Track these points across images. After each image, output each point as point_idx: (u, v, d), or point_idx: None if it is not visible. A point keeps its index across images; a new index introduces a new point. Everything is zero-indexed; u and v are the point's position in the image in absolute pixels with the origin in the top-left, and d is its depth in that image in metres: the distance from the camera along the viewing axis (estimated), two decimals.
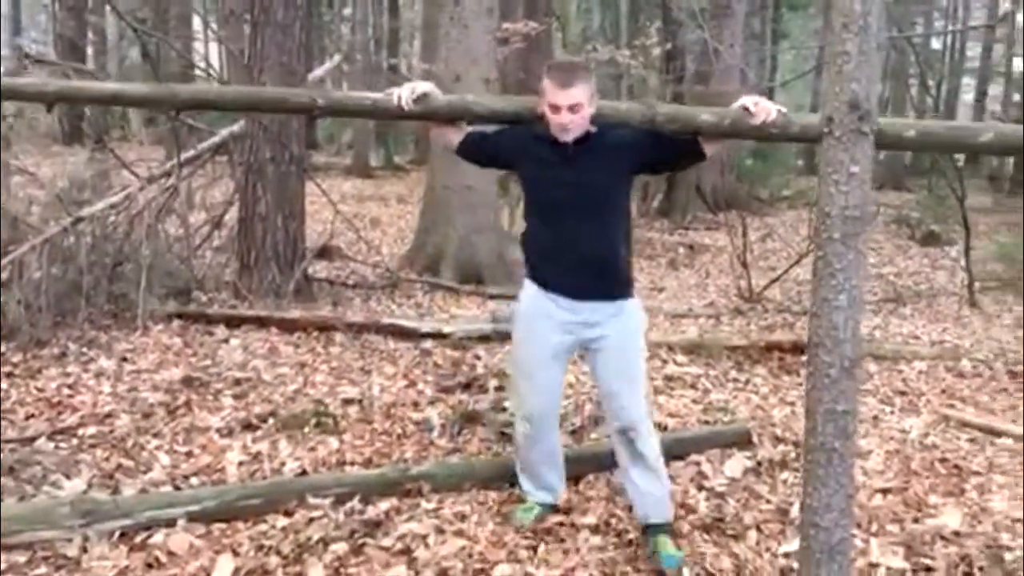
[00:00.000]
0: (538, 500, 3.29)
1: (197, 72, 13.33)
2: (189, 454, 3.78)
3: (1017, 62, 23.30)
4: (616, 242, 3.00)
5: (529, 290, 3.10)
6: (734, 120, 2.74)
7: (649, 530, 3.07)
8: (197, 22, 21.08)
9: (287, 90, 3.55)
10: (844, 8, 1.62)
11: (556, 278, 3.01)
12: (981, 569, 3.08)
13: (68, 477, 3.43)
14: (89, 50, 22.23)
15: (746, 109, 2.72)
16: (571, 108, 2.77)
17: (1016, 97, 22.31)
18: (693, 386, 5.11)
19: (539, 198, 3.04)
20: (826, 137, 1.72)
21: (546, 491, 3.30)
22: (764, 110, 2.68)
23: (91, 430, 3.93)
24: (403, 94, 2.91)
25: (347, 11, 25.94)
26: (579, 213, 2.91)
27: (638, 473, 3.07)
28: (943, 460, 4.15)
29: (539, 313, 3.05)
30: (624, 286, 3.05)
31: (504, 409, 4.23)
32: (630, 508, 3.25)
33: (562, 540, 3.12)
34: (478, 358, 5.42)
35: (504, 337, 5.66)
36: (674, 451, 3.79)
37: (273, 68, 6.49)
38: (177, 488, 3.42)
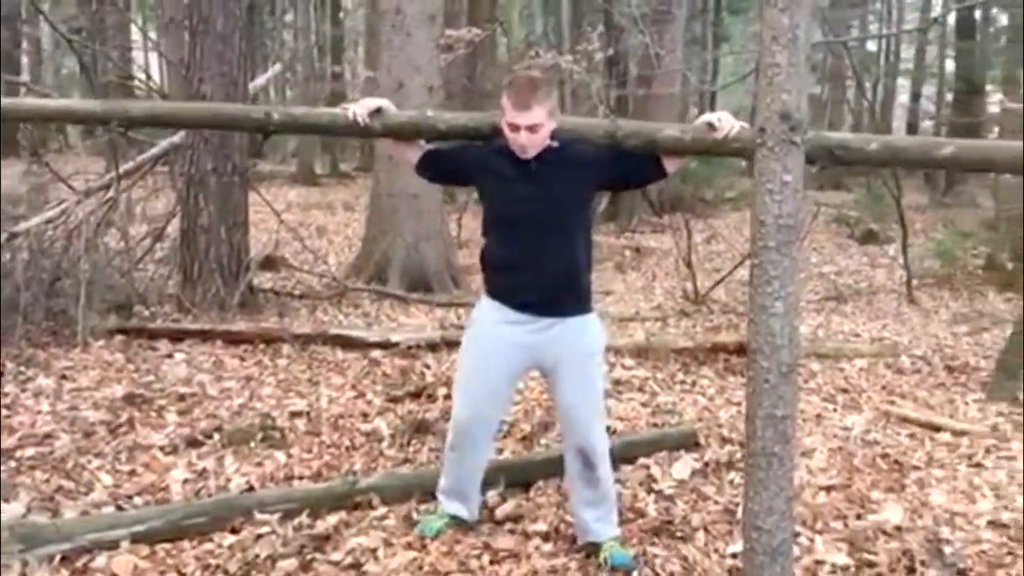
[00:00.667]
0: (449, 512, 3.21)
1: (136, 83, 13.11)
2: (132, 473, 3.70)
3: (949, 63, 23.93)
4: (576, 258, 2.94)
5: (486, 306, 3.03)
6: (696, 136, 2.68)
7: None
8: (136, 32, 20.70)
9: (242, 107, 3.51)
10: (773, 21, 1.66)
11: (515, 294, 2.94)
12: (922, 563, 3.16)
13: (6, 501, 3.34)
14: (24, 60, 21.73)
15: (709, 124, 2.65)
16: (530, 128, 2.72)
17: (948, 97, 22.90)
18: (641, 389, 5.15)
19: (499, 214, 2.97)
20: (759, 148, 1.75)
21: (460, 504, 3.21)
22: (727, 126, 2.59)
23: (29, 451, 3.83)
24: (357, 110, 2.87)
25: (289, 17, 25.72)
26: (539, 229, 2.85)
27: (591, 496, 3.05)
28: (884, 456, 4.24)
29: (493, 330, 2.98)
30: (583, 301, 2.99)
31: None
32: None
33: (513, 548, 3.12)
34: (427, 367, 5.41)
35: (453, 345, 5.66)
36: (623, 455, 3.82)
37: (213, 78, 6.42)
38: (120, 509, 3.35)
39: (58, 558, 2.89)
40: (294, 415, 4.47)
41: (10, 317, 5.40)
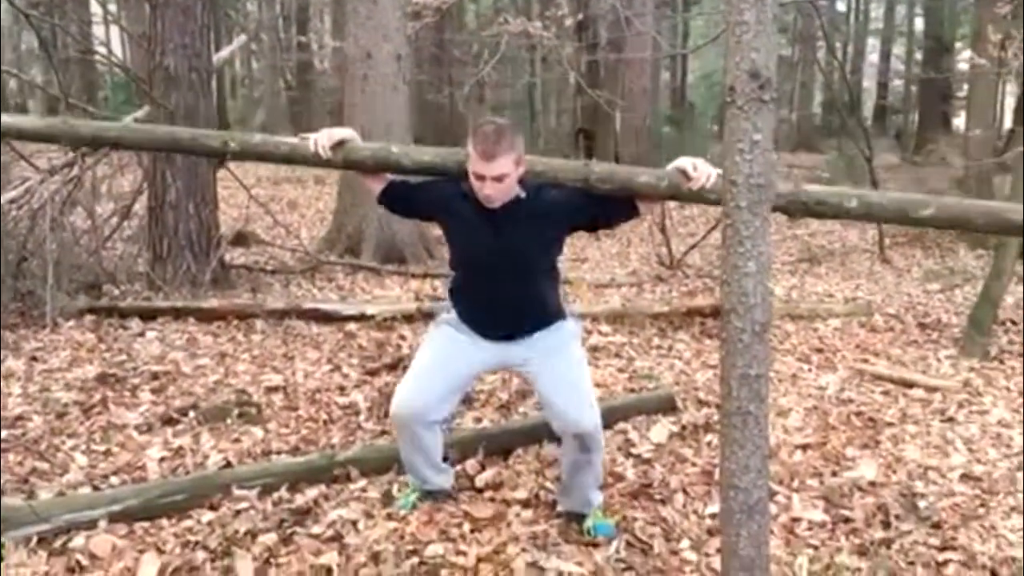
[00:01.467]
0: (420, 487, 3.21)
1: (98, 58, 12.84)
2: (107, 453, 3.67)
3: (918, 21, 24.01)
4: (544, 293, 2.95)
5: (452, 319, 3.02)
6: (672, 183, 2.56)
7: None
8: (96, 5, 20.30)
9: (199, 131, 3.38)
10: None
11: (482, 326, 2.96)
12: (897, 517, 3.21)
13: None
14: None
15: (684, 173, 2.53)
16: (496, 179, 2.63)
17: (918, 55, 23.00)
18: (618, 355, 5.18)
19: (464, 257, 2.95)
20: (728, 107, 1.74)
21: (420, 480, 3.20)
22: (703, 174, 2.50)
23: (2, 433, 3.79)
24: (320, 140, 2.78)
25: None
26: (505, 274, 2.82)
27: (583, 474, 3.02)
28: (859, 413, 4.30)
29: (458, 336, 2.99)
30: (552, 318, 2.98)
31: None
32: (559, 479, 3.29)
33: (493, 516, 3.13)
34: (403, 338, 5.40)
35: (429, 316, 5.65)
36: (602, 421, 3.82)
37: (176, 50, 6.30)
38: (96, 488, 3.32)
39: (35, 539, 2.87)
40: (270, 390, 4.44)
41: None
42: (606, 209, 2.78)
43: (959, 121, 20.64)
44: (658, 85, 18.93)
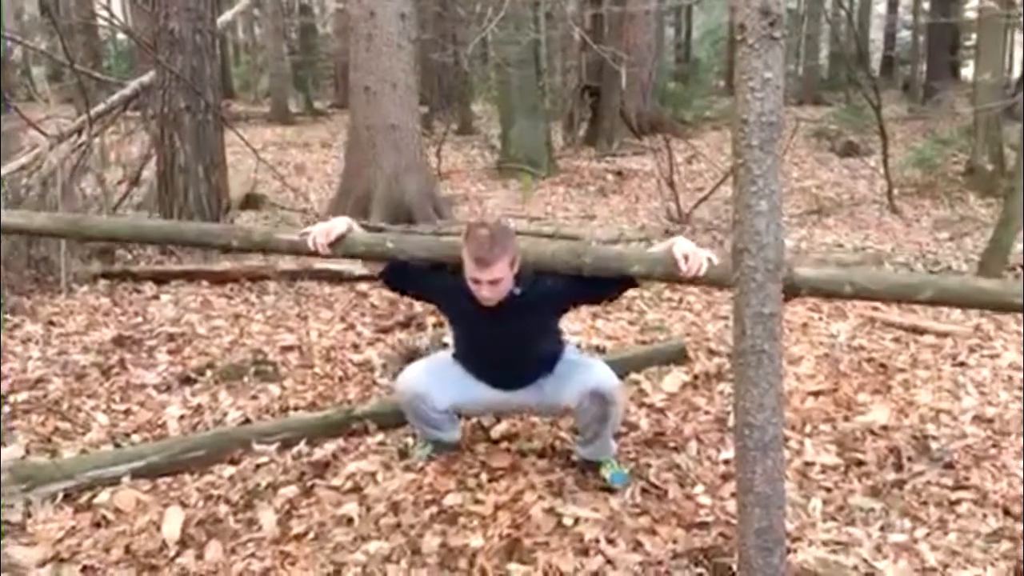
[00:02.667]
0: (432, 439, 3.26)
1: (100, 22, 12.77)
2: (127, 412, 3.73)
3: None
4: (547, 354, 3.06)
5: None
6: (665, 272, 2.58)
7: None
8: None
9: (204, 228, 3.46)
10: None
11: (485, 382, 3.09)
12: (909, 459, 3.24)
13: (4, 444, 3.36)
14: None
15: (676, 263, 2.55)
16: (491, 282, 2.71)
17: (926, 5, 22.67)
18: (629, 308, 5.20)
19: (465, 342, 3.11)
20: (740, 45, 1.74)
21: (428, 436, 3.26)
22: (695, 265, 2.52)
23: (23, 396, 3.84)
24: (318, 239, 2.83)
25: None
26: (506, 356, 2.98)
27: (606, 428, 3.03)
28: (870, 360, 4.32)
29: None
30: (555, 362, 3.08)
31: (445, 345, 4.24)
32: (575, 431, 3.32)
33: (510, 466, 3.17)
34: None
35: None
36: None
37: (179, 13, 6.29)
38: (118, 446, 3.38)
39: (60, 496, 2.93)
40: (285, 349, 4.48)
41: None
42: (600, 286, 2.84)
43: (967, 71, 20.43)
44: (663, 40, 18.77)
